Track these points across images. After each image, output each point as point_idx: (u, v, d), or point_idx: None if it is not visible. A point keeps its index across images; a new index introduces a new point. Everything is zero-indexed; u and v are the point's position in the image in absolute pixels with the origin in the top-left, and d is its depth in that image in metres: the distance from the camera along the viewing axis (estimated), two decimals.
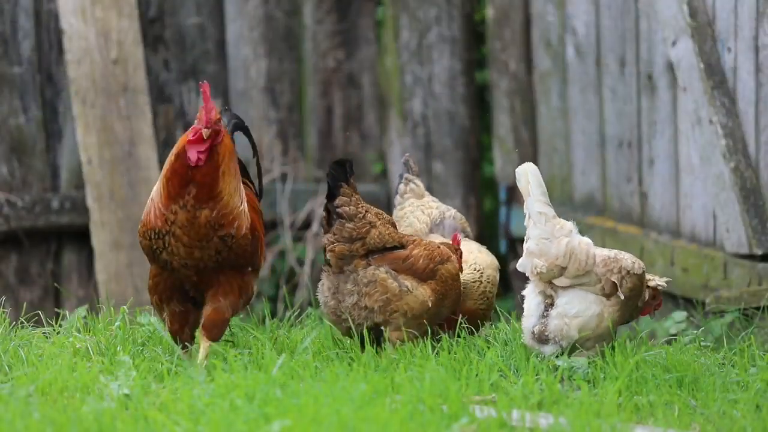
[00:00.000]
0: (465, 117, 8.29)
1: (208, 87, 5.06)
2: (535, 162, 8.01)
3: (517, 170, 5.34)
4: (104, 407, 4.39)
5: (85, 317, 5.77)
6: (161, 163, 7.21)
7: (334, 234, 5.32)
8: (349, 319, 5.27)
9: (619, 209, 7.40)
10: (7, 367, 4.99)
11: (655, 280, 5.46)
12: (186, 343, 5.18)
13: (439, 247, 5.45)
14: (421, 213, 5.86)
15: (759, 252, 6.37)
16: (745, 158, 6.43)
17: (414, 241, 5.42)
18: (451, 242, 5.53)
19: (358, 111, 8.37)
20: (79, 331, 5.42)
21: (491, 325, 5.85)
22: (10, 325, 5.48)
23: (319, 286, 5.43)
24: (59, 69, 7.65)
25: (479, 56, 8.36)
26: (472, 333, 5.47)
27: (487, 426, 4.28)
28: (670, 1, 6.68)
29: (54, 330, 5.51)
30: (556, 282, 5.28)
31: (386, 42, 8.31)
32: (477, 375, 4.86)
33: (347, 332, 5.36)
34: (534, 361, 5.04)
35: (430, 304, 5.33)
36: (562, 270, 5.27)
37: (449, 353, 5.13)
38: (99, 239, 7.58)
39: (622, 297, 5.26)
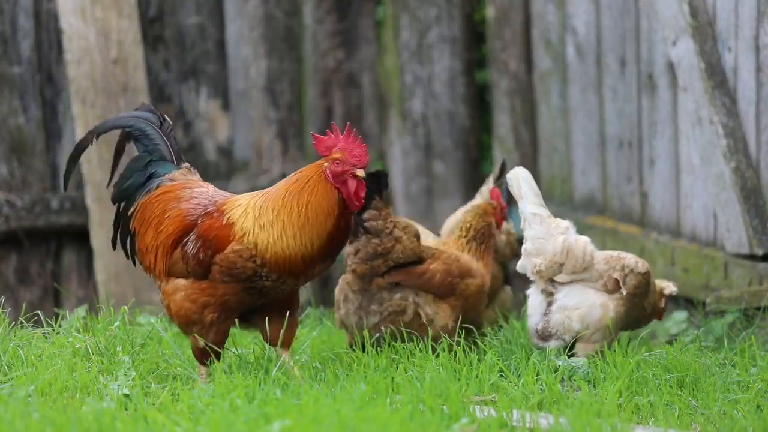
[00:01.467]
0: (465, 117, 8.28)
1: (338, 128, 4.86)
2: (535, 162, 8.04)
3: (507, 175, 5.40)
4: (104, 407, 4.38)
5: (84, 317, 5.76)
6: None
7: (358, 250, 5.26)
8: (366, 332, 5.26)
9: (619, 209, 7.39)
10: (6, 367, 4.99)
11: (670, 288, 5.49)
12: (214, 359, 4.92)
13: (458, 260, 5.41)
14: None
15: (760, 252, 6.36)
16: (746, 158, 6.42)
17: (434, 254, 5.37)
18: (490, 198, 5.61)
19: (358, 111, 8.36)
20: (78, 332, 5.41)
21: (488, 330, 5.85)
22: (9, 325, 5.47)
23: (340, 291, 5.36)
24: (59, 69, 7.64)
25: (479, 56, 8.36)
26: None
27: (487, 426, 4.27)
28: (670, 1, 6.68)
29: (53, 330, 5.50)
30: (557, 279, 5.30)
31: (386, 42, 8.31)
32: (477, 375, 4.86)
33: (353, 341, 5.35)
34: (534, 361, 5.03)
35: (450, 327, 5.31)
36: (561, 267, 5.29)
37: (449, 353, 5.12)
38: (99, 239, 7.57)
39: (625, 293, 5.27)
